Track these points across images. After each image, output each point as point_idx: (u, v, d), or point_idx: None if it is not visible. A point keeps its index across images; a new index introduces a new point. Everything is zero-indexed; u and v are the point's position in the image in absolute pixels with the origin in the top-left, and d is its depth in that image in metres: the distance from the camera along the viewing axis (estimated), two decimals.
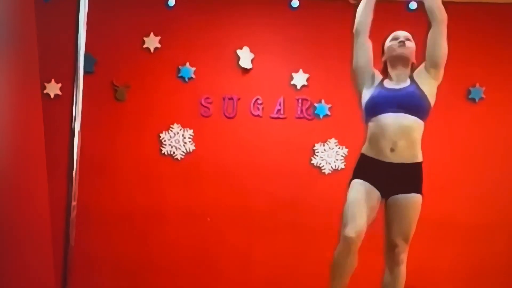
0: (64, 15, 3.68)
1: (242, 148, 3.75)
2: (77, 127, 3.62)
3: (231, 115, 3.75)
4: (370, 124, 2.39)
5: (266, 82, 3.75)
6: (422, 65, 2.47)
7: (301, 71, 3.72)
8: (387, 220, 2.40)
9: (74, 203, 3.64)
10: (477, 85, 3.75)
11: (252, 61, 3.73)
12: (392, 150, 2.30)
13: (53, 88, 3.68)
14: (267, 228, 3.66)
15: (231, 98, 3.74)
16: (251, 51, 3.72)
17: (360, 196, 2.30)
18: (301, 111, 3.74)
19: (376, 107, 2.37)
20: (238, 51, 3.72)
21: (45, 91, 3.62)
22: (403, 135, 2.32)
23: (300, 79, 3.73)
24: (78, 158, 3.63)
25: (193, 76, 3.74)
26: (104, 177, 3.74)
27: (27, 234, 3.03)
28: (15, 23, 3.03)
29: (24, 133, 3.13)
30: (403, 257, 2.37)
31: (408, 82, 2.41)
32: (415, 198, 2.40)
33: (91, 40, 3.60)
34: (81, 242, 3.65)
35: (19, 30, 3.09)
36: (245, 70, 3.74)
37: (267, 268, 3.64)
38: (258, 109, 3.74)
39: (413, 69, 2.48)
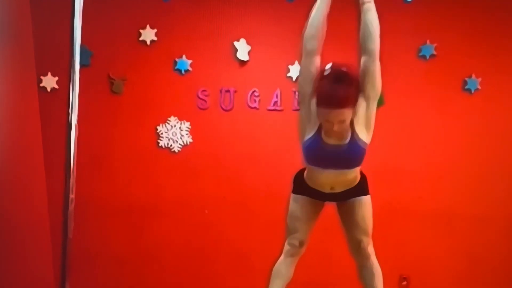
0: (59, 8, 3.64)
1: (239, 140, 3.75)
2: (74, 120, 3.60)
3: (228, 108, 3.74)
4: (309, 167, 2.33)
5: (263, 74, 3.73)
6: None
7: (297, 63, 3.71)
8: (345, 222, 2.43)
9: (72, 196, 3.64)
10: (473, 76, 3.74)
11: (249, 53, 3.71)
12: (332, 188, 2.32)
13: (49, 82, 3.65)
14: (265, 220, 3.65)
15: (228, 91, 3.73)
16: (248, 43, 3.70)
17: (300, 212, 2.39)
18: (298, 103, 3.73)
19: (314, 161, 2.29)
20: (235, 43, 3.70)
21: (41, 85, 3.60)
22: (342, 183, 2.32)
23: (296, 71, 3.71)
24: (76, 151, 3.62)
25: (190, 68, 3.72)
26: (101, 170, 3.73)
27: (25, 227, 3.05)
28: (11, 16, 3.02)
29: (21, 127, 3.13)
30: (370, 249, 2.39)
31: (348, 136, 2.22)
32: (367, 199, 2.43)
33: (87, 33, 3.58)
34: (79, 235, 3.66)
35: (14, 23, 3.08)
36: (242, 62, 3.72)
37: (265, 260, 3.65)
38: (255, 101, 3.73)
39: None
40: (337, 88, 2.07)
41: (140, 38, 3.69)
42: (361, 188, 2.44)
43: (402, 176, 3.78)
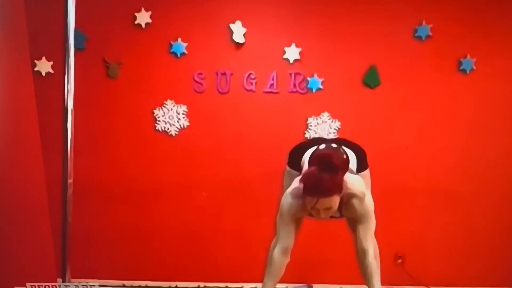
0: None
1: (236, 123, 3.73)
2: (70, 105, 3.56)
3: (224, 91, 3.71)
4: None
5: (259, 57, 3.68)
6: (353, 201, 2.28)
7: (293, 45, 3.67)
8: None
9: (70, 181, 3.62)
10: (468, 56, 3.74)
11: (244, 35, 3.66)
12: None
13: (44, 66, 3.60)
14: (261, 200, 3.66)
15: (224, 73, 3.69)
16: (244, 25, 3.65)
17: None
18: (294, 85, 3.71)
19: None
20: (231, 26, 3.64)
21: (35, 69, 3.55)
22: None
23: (292, 53, 3.68)
24: (73, 136, 3.59)
25: (185, 51, 3.67)
26: (99, 154, 3.72)
27: (24, 212, 3.03)
28: (3, 0, 2.94)
29: (17, 112, 3.08)
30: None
31: (338, 213, 2.32)
32: (366, 173, 2.52)
33: (81, 17, 3.51)
34: (78, 218, 3.66)
35: (7, 7, 3.00)
36: (238, 45, 3.67)
37: (262, 240, 3.69)
38: (251, 84, 3.70)
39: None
40: (323, 178, 2.07)
41: (135, 22, 3.63)
42: (364, 165, 2.49)
43: (398, 155, 3.80)
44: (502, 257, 3.84)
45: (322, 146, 2.25)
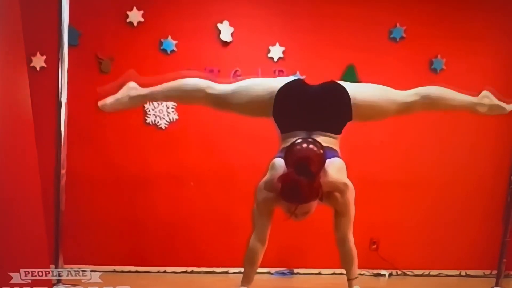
0: None
1: (223, 117, 3.74)
2: (63, 99, 3.56)
3: None
4: None
5: (245, 55, 3.78)
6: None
7: (277, 44, 3.77)
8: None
9: (63, 171, 3.61)
10: (439, 56, 3.89)
11: (231, 34, 3.74)
12: None
13: (38, 61, 3.63)
14: (247, 191, 3.64)
15: (212, 70, 3.77)
16: (231, 25, 3.73)
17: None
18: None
19: None
20: (219, 25, 3.72)
21: (31, 64, 3.57)
22: None
23: (276, 52, 3.78)
24: (66, 128, 3.60)
25: (175, 49, 3.74)
26: (91, 146, 3.77)
27: (19, 202, 3.05)
28: None
29: (12, 105, 3.10)
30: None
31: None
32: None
33: (74, 14, 3.53)
34: (71, 207, 3.66)
35: (2, 4, 3.01)
36: (225, 43, 3.76)
37: (245, 227, 3.78)
38: (238, 80, 3.78)
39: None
40: (301, 184, 1.93)
41: (127, 20, 3.68)
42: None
43: (373, 149, 3.93)
44: (467, 243, 4.00)
45: (299, 141, 2.06)
